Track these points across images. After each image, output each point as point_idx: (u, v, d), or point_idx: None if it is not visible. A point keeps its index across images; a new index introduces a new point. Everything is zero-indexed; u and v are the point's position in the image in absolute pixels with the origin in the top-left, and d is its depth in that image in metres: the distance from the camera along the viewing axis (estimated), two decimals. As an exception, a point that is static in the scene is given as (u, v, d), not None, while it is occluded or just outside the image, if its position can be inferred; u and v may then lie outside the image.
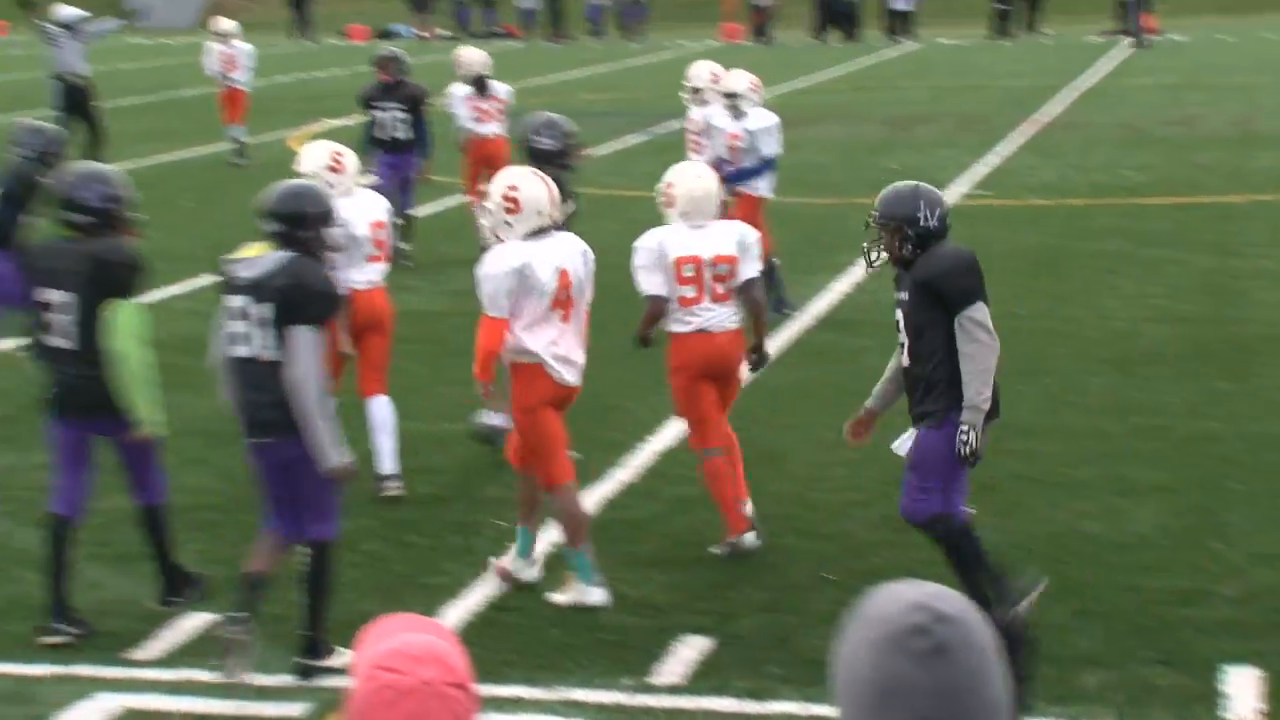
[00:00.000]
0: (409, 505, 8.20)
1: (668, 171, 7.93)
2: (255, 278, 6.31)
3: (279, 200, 6.48)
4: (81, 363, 6.68)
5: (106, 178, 6.89)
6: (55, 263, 6.72)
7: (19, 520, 7.99)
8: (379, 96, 14.20)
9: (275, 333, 6.25)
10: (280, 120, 25.82)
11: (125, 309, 6.67)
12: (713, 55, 19.57)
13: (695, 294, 7.56)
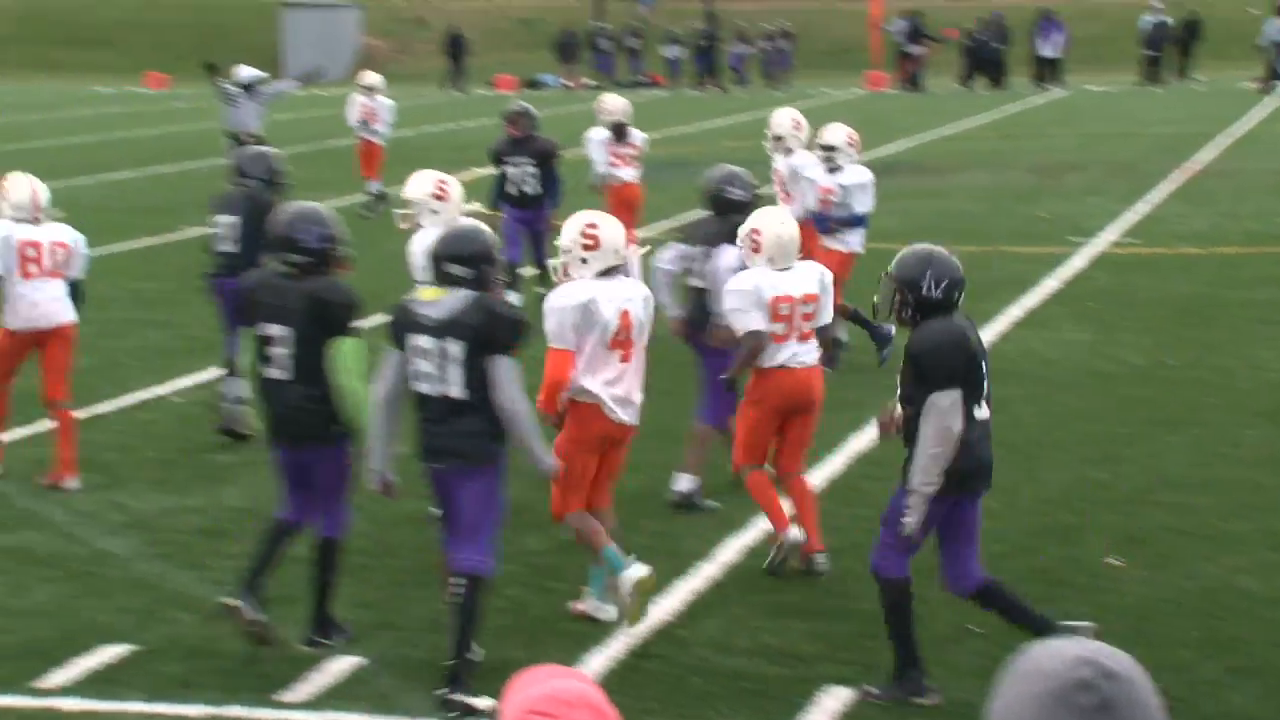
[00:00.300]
0: (552, 552, 8.25)
1: (750, 218, 8.14)
2: (444, 318, 6.58)
3: (456, 243, 6.75)
4: (294, 393, 6.98)
5: (322, 218, 7.17)
6: (276, 298, 7.01)
7: (174, 563, 8.16)
8: (509, 151, 14.24)
9: (465, 368, 6.54)
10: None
11: (346, 345, 6.95)
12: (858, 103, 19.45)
13: (785, 331, 7.93)
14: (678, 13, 56.86)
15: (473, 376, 6.57)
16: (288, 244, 7.02)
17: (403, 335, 6.69)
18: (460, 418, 6.60)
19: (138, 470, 9.75)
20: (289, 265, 7.02)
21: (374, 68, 54.80)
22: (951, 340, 6.42)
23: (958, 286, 6.56)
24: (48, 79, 53.22)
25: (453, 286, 6.66)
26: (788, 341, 7.97)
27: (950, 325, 6.49)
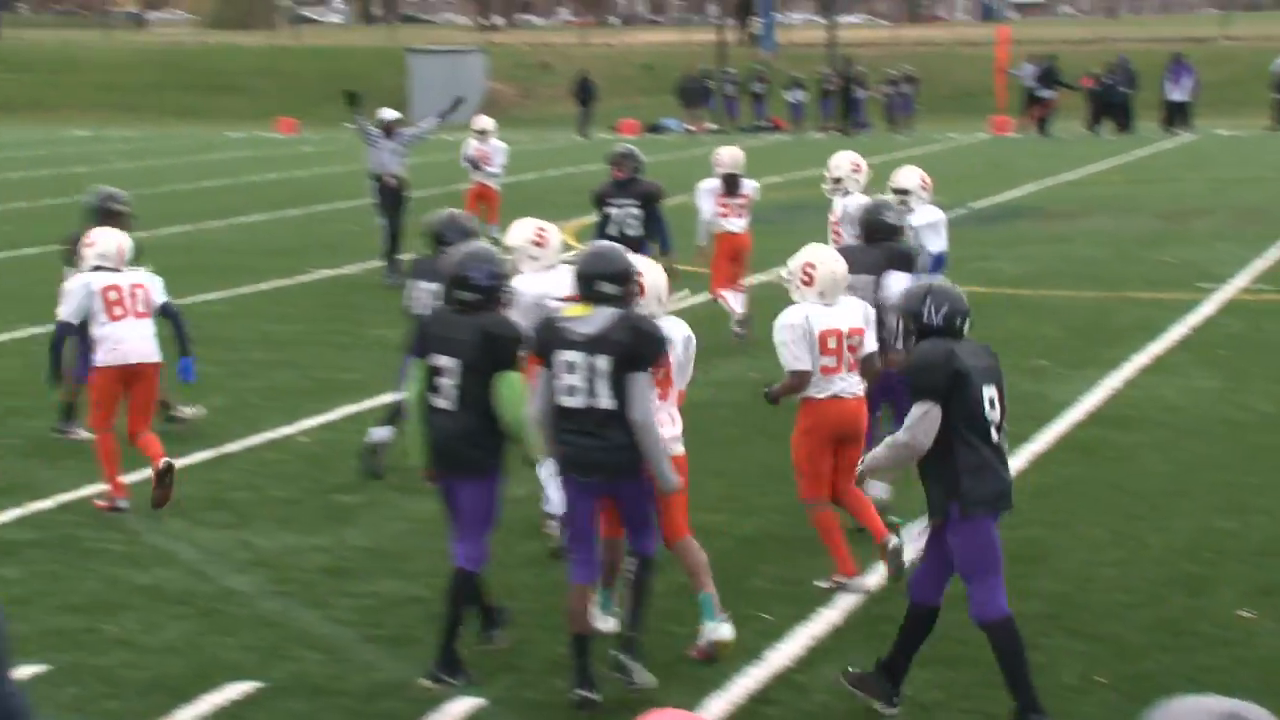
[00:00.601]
0: (672, 596, 8.24)
1: (802, 253, 8.37)
2: (593, 334, 6.89)
3: (603, 261, 7.08)
4: (456, 424, 7.19)
5: (493, 258, 7.44)
6: (448, 331, 7.24)
7: (299, 601, 8.27)
8: (613, 194, 14.04)
9: (612, 382, 6.85)
10: (550, 213, 26.36)
11: (511, 379, 7.17)
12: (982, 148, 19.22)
13: (835, 364, 8.27)
14: (800, 57, 56.93)
15: (619, 390, 6.87)
16: (460, 281, 7.27)
17: (550, 351, 6.96)
18: (611, 429, 6.91)
19: (264, 509, 9.89)
20: (460, 301, 7.26)
21: (498, 112, 55.42)
22: (932, 358, 6.64)
23: (959, 314, 6.76)
24: (183, 125, 54.37)
25: (600, 304, 6.95)
26: (838, 373, 8.26)
27: (935, 344, 6.71)
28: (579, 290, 7.05)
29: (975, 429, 6.66)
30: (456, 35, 78.04)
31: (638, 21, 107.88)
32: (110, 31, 73.24)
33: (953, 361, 6.62)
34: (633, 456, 6.94)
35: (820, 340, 8.22)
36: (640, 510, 7.14)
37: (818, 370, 8.23)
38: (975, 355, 6.77)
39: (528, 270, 8.82)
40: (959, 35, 68.94)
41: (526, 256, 8.90)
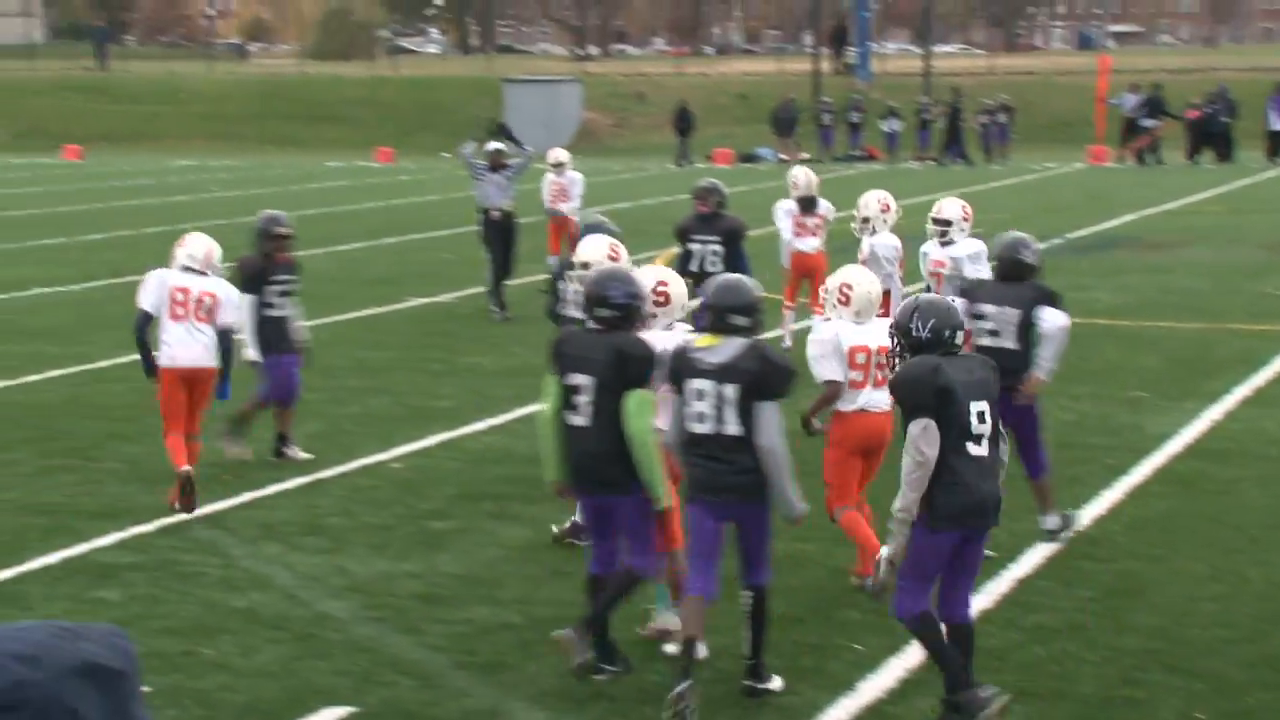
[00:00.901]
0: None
1: (840, 273, 8.72)
2: (723, 363, 7.12)
3: (734, 294, 7.30)
4: (592, 440, 7.40)
5: (630, 279, 7.68)
6: (583, 350, 7.46)
7: (392, 626, 8.32)
8: (695, 228, 13.81)
9: (739, 410, 7.08)
10: (643, 242, 26.47)
11: (640, 396, 7.36)
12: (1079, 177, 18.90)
13: (862, 379, 8.56)
14: (895, 87, 56.77)
15: (747, 417, 7.09)
16: (599, 300, 7.48)
17: (681, 379, 7.20)
18: (738, 454, 7.12)
19: (359, 535, 9.97)
20: (598, 319, 7.47)
21: (593, 142, 55.72)
22: (917, 374, 6.83)
23: (947, 328, 6.95)
24: (283, 154, 55.06)
25: (729, 334, 7.19)
26: (864, 388, 8.55)
27: (922, 360, 6.90)
28: (710, 321, 7.26)
29: (957, 444, 6.79)
30: (552, 65, 78.56)
31: (732, 51, 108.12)
32: (213, 63, 74.40)
33: (938, 378, 6.78)
34: (758, 480, 7.15)
35: (849, 356, 8.52)
36: (758, 539, 7.30)
37: (846, 384, 8.54)
38: (965, 370, 6.91)
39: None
40: (1056, 64, 68.47)
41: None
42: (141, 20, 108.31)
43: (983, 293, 9.82)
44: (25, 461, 11.81)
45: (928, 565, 6.91)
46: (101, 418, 13.34)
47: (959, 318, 7.09)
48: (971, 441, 6.83)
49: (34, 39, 76.37)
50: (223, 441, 11.63)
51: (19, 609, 8.52)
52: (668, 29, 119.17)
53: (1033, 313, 9.57)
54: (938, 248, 11.95)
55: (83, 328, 17.79)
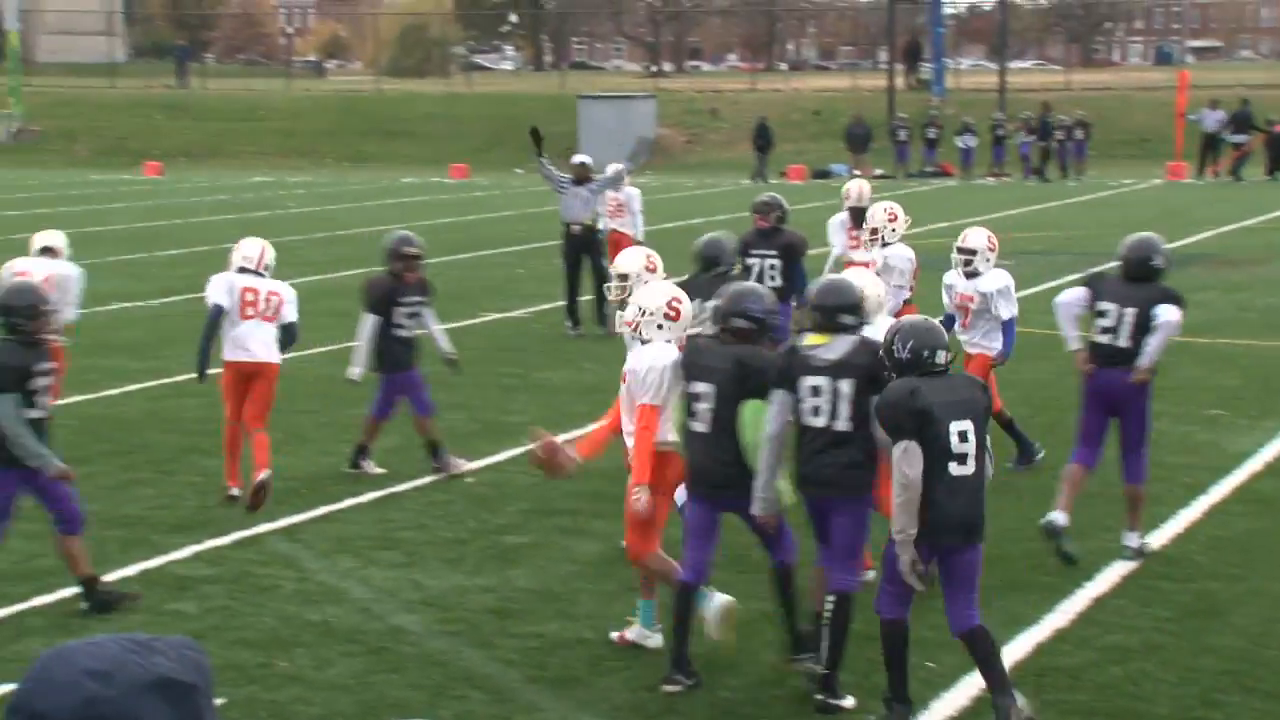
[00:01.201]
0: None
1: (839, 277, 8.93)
2: (836, 359, 7.42)
3: (842, 294, 7.62)
4: (713, 446, 7.65)
5: (762, 295, 7.99)
6: (707, 360, 7.75)
7: (464, 640, 8.35)
8: (755, 243, 13.65)
9: (851, 405, 7.36)
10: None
11: (755, 406, 7.60)
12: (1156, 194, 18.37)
13: None
14: (969, 102, 56.47)
15: (858, 411, 7.35)
16: (738, 312, 7.77)
17: (795, 377, 7.45)
18: (843, 448, 7.39)
19: (433, 549, 10.01)
20: (733, 330, 7.76)
21: (667, 158, 55.74)
22: (895, 397, 7.00)
23: (926, 348, 7.06)
24: (358, 170, 55.47)
25: (839, 333, 7.48)
26: None
27: (900, 383, 7.04)
28: (820, 321, 7.54)
29: (937, 465, 6.92)
30: (626, 82, 78.71)
31: (806, 68, 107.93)
32: (291, 80, 75.10)
33: (915, 400, 6.93)
34: (862, 476, 7.43)
35: None
36: (849, 536, 7.48)
37: None
38: (946, 391, 7.03)
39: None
40: (1134, 80, 67.91)
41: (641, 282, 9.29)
42: (221, 39, 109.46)
43: (1105, 288, 9.81)
44: (105, 474, 11.95)
45: (887, 564, 7.18)
46: (178, 431, 13.48)
47: (940, 337, 7.18)
48: (954, 461, 6.95)
49: (116, 58, 77.30)
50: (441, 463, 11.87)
51: (97, 620, 8.62)
52: (741, 45, 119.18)
53: (1151, 311, 9.60)
54: (963, 279, 11.80)
55: (160, 342, 17.99)
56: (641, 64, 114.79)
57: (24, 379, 8.38)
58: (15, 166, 55.16)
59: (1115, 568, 9.36)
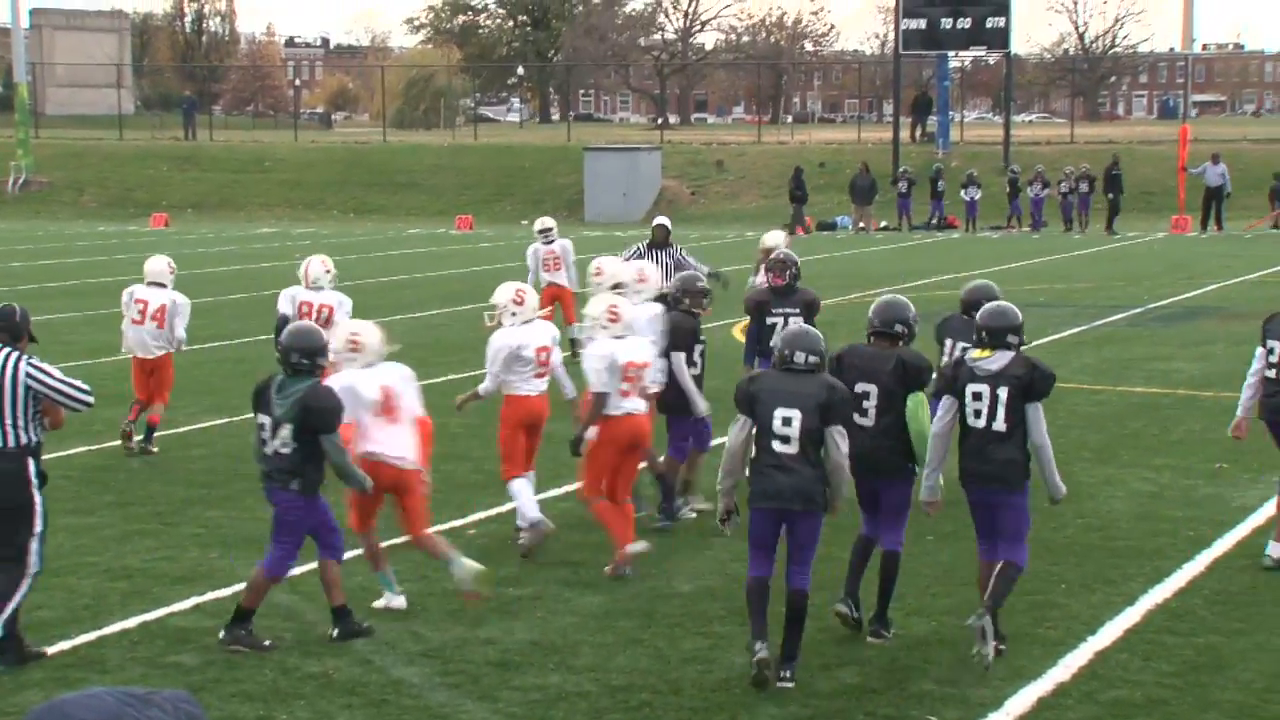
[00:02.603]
0: (837, 695, 8.17)
1: (602, 298, 10.88)
2: (998, 370, 8.67)
3: (1005, 318, 8.82)
4: (873, 436, 8.94)
5: (907, 305, 9.28)
6: (869, 363, 9.04)
7: (465, 693, 8.31)
8: (774, 301, 13.33)
9: (1009, 409, 8.59)
10: (718, 309, 26.52)
11: (918, 398, 8.96)
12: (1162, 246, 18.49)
13: (629, 389, 10.57)
14: (974, 155, 56.65)
15: (1013, 415, 8.59)
16: (900, 319, 9.14)
17: (963, 384, 8.72)
18: (1002, 446, 8.61)
19: (434, 600, 9.99)
20: (890, 336, 9.08)
21: (674, 210, 55.94)
22: (740, 383, 8.61)
23: (787, 348, 8.55)
24: (365, 221, 55.65)
25: (1001, 349, 8.73)
26: (629, 397, 10.57)
27: (749, 374, 8.91)
28: (989, 340, 8.78)
29: (765, 441, 8.36)
30: (632, 133, 79.03)
31: (811, 120, 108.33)
32: (298, 132, 75.46)
33: (749, 387, 8.50)
34: (1015, 472, 8.63)
35: (623, 370, 10.49)
36: (1011, 518, 8.69)
37: (616, 394, 10.47)
38: (779, 381, 8.46)
39: (508, 325, 11.11)
40: (1138, 134, 68.12)
41: (509, 313, 11.10)
42: (229, 91, 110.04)
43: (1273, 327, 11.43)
44: (108, 525, 11.95)
45: (754, 534, 8.42)
46: (182, 482, 13.48)
47: (805, 342, 8.51)
48: (777, 440, 8.31)
49: (124, 110, 77.69)
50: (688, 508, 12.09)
51: (97, 672, 8.60)
52: (747, 97, 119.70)
53: None
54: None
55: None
56: (648, 116, 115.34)
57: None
58: (23, 218, 55.41)
59: (1119, 621, 9.34)
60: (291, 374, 8.96)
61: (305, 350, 8.96)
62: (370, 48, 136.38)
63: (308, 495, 9.00)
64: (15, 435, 8.68)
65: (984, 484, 8.65)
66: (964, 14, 53.38)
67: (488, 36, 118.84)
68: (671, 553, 11.09)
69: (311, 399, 8.84)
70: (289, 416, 8.83)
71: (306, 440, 8.86)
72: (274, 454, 8.93)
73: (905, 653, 8.85)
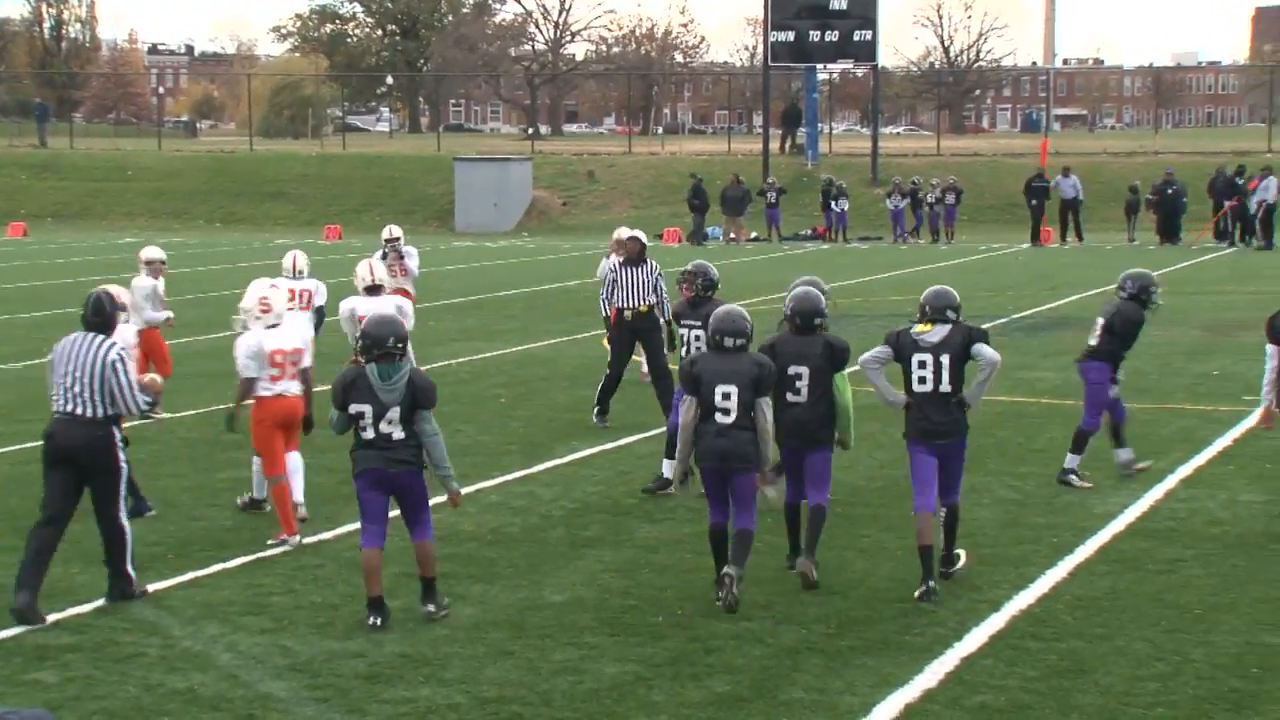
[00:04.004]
0: (708, 705, 8.19)
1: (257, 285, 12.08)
2: (939, 340, 10.36)
3: (945, 298, 10.50)
4: (805, 409, 10.41)
5: (819, 297, 10.71)
6: (799, 348, 10.46)
7: (334, 706, 8.22)
8: (686, 314, 13.08)
9: (951, 373, 10.29)
10: (590, 320, 26.57)
11: (843, 375, 10.50)
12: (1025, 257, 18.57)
13: (279, 374, 11.84)
14: (843, 167, 57.24)
15: (955, 378, 10.30)
16: (817, 314, 10.57)
17: (908, 354, 10.39)
18: (948, 405, 10.30)
19: (302, 614, 9.88)
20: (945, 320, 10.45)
21: (545, 221, 55.80)
22: (683, 365, 10.19)
23: (717, 333, 10.07)
24: (231, 231, 54.96)
25: (940, 323, 10.39)
26: (282, 380, 11.82)
27: (692, 356, 10.83)
28: (931, 315, 10.42)
29: (707, 414, 9.88)
30: (502, 144, 78.85)
31: (682, 132, 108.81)
32: (162, 140, 74.34)
33: (691, 369, 10.00)
34: (961, 424, 10.36)
35: (270, 357, 11.77)
36: (958, 467, 10.42)
37: (267, 378, 11.76)
38: (717, 362, 9.94)
39: (254, 328, 11.96)
40: (1002, 146, 69.24)
41: (253, 318, 11.99)
42: (90, 98, 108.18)
43: None
44: (-36, 540, 11.66)
45: (707, 488, 10.07)
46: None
47: (732, 326, 9.99)
48: (719, 413, 9.84)
49: (-19, 116, 76.14)
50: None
51: None
52: (618, 109, 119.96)
53: None
54: None
55: (24, 406, 17.65)
56: (519, 126, 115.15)
57: None
58: (-124, 225, 54.00)
59: (984, 627, 9.46)
60: (379, 359, 9.63)
61: (400, 336, 9.69)
62: (236, 56, 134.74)
63: (423, 469, 9.80)
64: (103, 408, 10.00)
65: (934, 439, 10.25)
66: (832, 27, 53.94)
67: (356, 45, 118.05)
68: (542, 563, 11.06)
69: (419, 379, 9.69)
70: (399, 399, 9.58)
71: (409, 419, 9.61)
72: (382, 438, 9.60)
73: (775, 661, 8.90)
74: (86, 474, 10.10)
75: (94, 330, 10.23)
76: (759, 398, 9.83)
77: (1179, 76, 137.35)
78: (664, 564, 10.95)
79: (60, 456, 10.05)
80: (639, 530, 11.97)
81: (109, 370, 10.01)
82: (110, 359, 10.02)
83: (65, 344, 10.22)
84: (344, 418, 9.72)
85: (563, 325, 26.02)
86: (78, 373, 10.04)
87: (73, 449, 10.01)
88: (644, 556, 11.18)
